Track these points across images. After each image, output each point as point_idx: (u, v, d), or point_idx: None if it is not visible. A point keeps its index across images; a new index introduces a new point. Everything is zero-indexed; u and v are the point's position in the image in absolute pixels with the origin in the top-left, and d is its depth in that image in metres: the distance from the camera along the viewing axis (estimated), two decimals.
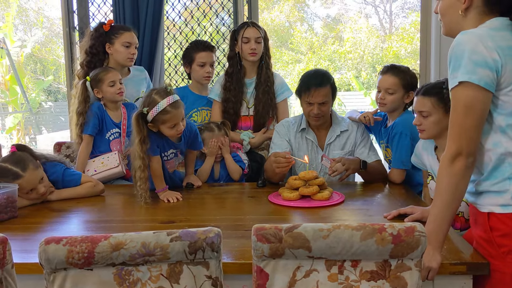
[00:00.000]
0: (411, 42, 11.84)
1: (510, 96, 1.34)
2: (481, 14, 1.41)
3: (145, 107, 2.12)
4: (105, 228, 1.85)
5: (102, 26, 2.81)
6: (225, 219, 1.90)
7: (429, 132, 1.99)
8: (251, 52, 2.81)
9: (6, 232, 1.76)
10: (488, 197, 1.38)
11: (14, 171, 2.06)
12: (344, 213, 1.98)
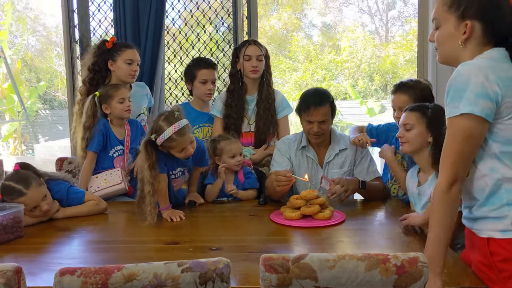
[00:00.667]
0: (409, 49, 11.92)
1: (506, 124, 1.39)
2: (479, 44, 1.46)
3: (153, 134, 2.16)
4: (111, 249, 1.88)
5: (104, 43, 2.85)
6: (229, 240, 1.93)
7: (411, 145, 2.11)
8: (252, 70, 2.86)
9: (13, 253, 1.82)
10: (487, 222, 1.43)
11: (17, 189, 2.09)
12: (345, 233, 2.01)
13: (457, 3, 1.47)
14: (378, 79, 12.48)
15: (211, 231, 2.09)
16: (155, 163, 2.15)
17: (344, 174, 2.59)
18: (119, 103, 2.65)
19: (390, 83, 13.19)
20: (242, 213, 2.33)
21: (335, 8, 14.81)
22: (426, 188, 2.07)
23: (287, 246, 1.92)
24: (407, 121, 2.10)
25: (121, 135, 2.74)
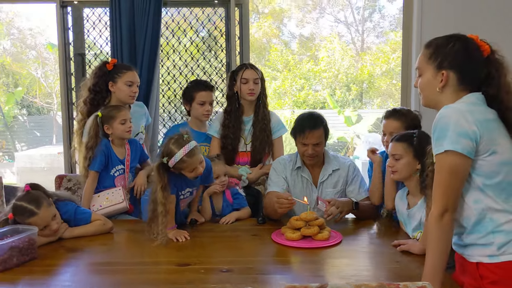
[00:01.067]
0: (386, 61, 12.24)
1: (486, 161, 1.58)
2: (455, 91, 1.66)
3: (165, 157, 2.28)
4: (124, 271, 1.96)
5: (105, 65, 2.93)
6: (236, 261, 2.04)
7: (400, 173, 2.29)
8: (249, 92, 2.99)
9: (29, 276, 1.89)
10: (476, 249, 1.60)
11: (29, 209, 2.17)
12: (345, 254, 2.14)
13: (435, 55, 1.68)
14: (355, 89, 12.77)
15: (217, 252, 2.19)
16: (167, 184, 2.27)
17: (337, 193, 2.74)
18: (121, 124, 2.74)
19: (366, 92, 13.50)
20: (243, 233, 2.44)
21: (313, 18, 15.05)
22: (416, 211, 2.24)
23: (291, 267, 2.04)
24: (395, 152, 2.28)
25: (121, 154, 2.82)
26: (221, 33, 3.80)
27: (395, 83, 13.12)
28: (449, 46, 1.66)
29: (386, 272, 1.91)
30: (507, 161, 1.58)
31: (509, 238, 1.54)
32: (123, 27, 3.47)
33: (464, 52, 1.65)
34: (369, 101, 13.68)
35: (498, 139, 1.58)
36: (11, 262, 1.96)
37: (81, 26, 3.74)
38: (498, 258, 1.54)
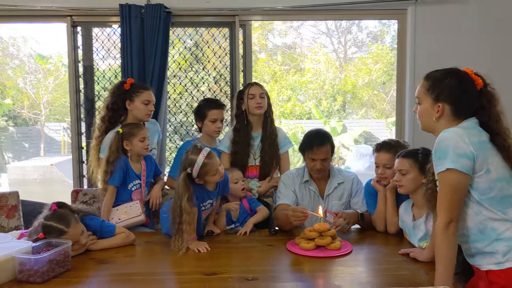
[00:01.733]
0: (368, 73, 12.57)
1: (481, 178, 1.80)
2: (450, 120, 1.89)
3: (188, 167, 2.46)
4: (155, 281, 2.11)
5: (123, 84, 3.08)
6: (259, 270, 2.20)
7: (407, 188, 2.49)
8: (257, 106, 3.18)
9: (65, 286, 2.02)
10: (484, 258, 1.81)
11: (59, 228, 2.28)
12: (357, 262, 2.34)
13: (433, 88, 1.90)
14: (341, 100, 13.06)
15: (238, 262, 2.35)
16: (192, 195, 2.46)
17: (342, 205, 2.93)
18: (140, 142, 2.89)
19: (350, 103, 13.78)
20: (259, 244, 2.61)
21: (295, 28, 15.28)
22: (421, 222, 2.43)
23: (311, 275, 2.21)
24: (401, 167, 2.47)
25: (138, 170, 2.97)
26: (226, 52, 3.97)
27: (377, 94, 13.43)
28: (446, 81, 1.88)
29: (397, 278, 2.08)
30: (501, 177, 1.80)
31: (511, 246, 1.76)
32: (133, 46, 3.62)
33: (459, 87, 1.87)
34: (353, 111, 13.97)
35: (490, 158, 1.81)
36: (50, 274, 2.09)
37: (90, 45, 3.88)
38: (504, 265, 1.75)
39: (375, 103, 13.60)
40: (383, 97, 13.29)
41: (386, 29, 13.55)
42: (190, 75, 4.04)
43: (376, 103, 13.60)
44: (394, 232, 2.70)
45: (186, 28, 3.97)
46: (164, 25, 3.63)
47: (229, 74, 3.98)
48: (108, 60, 3.91)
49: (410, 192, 2.48)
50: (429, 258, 2.23)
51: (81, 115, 3.91)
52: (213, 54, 3.98)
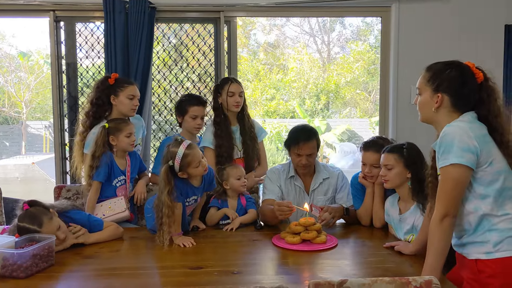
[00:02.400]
0: (350, 71, 12.66)
1: (485, 171, 1.81)
2: (449, 112, 1.90)
3: (169, 161, 2.45)
4: (144, 275, 2.10)
5: (107, 79, 3.06)
6: (245, 264, 2.21)
7: (392, 182, 2.51)
8: (236, 105, 3.19)
9: (48, 281, 2.00)
10: (474, 247, 1.83)
11: (32, 229, 2.23)
12: (343, 255, 2.35)
13: (433, 79, 1.92)
14: (324, 99, 13.14)
15: (225, 256, 2.34)
16: (173, 188, 2.43)
17: (327, 200, 2.95)
18: (126, 137, 2.87)
19: (332, 101, 13.87)
20: (244, 238, 2.61)
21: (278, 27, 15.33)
22: (408, 216, 2.46)
23: (297, 268, 2.21)
24: (387, 162, 2.49)
25: (123, 166, 2.94)
26: (210, 48, 3.96)
27: (360, 93, 13.54)
28: (446, 72, 1.89)
29: (383, 271, 2.09)
30: (502, 169, 1.82)
31: (503, 236, 1.78)
32: (117, 41, 3.59)
33: (459, 79, 1.88)
34: (337, 111, 14.06)
35: (492, 151, 1.82)
36: (34, 269, 2.07)
37: (73, 40, 3.84)
38: (494, 255, 1.78)
39: (358, 102, 13.70)
40: (366, 96, 13.40)
41: (370, 29, 13.68)
42: (175, 71, 4.01)
43: (359, 102, 13.70)
44: (380, 226, 2.73)
45: (171, 24, 3.95)
46: (148, 20, 3.60)
47: (214, 70, 3.97)
48: (91, 56, 3.87)
49: (395, 186, 2.51)
50: (414, 251, 2.25)
51: (64, 112, 3.86)
52: (197, 50, 3.97)
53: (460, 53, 3.74)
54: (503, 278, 1.75)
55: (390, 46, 3.98)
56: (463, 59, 2.00)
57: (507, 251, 1.77)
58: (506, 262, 1.76)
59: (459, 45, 3.88)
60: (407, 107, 3.96)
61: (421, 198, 2.37)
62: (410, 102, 3.95)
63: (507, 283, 1.75)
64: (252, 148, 3.26)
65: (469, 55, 3.83)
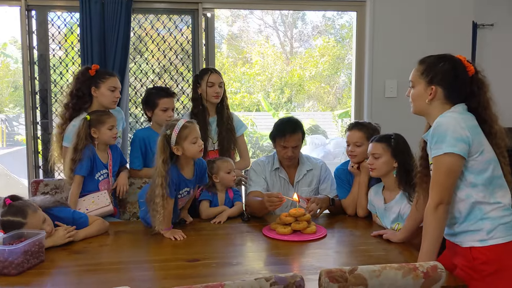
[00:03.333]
0: (315, 65, 12.79)
1: (476, 160, 1.88)
2: (442, 104, 1.96)
3: (167, 130, 2.43)
4: (138, 269, 2.07)
5: (87, 70, 2.98)
6: (241, 256, 2.23)
7: (379, 171, 2.57)
8: (215, 95, 3.18)
9: (39, 278, 1.95)
10: (468, 235, 1.90)
11: (16, 221, 2.16)
12: (333, 245, 2.40)
13: (427, 72, 1.97)
14: (288, 92, 13.23)
15: (219, 248, 2.34)
16: (168, 158, 2.42)
17: (312, 191, 2.99)
18: (109, 130, 2.80)
19: (296, 95, 13.98)
20: (234, 231, 2.61)
21: (241, 19, 15.29)
22: (393, 205, 2.53)
23: (293, 258, 2.24)
24: (374, 151, 2.56)
25: (104, 159, 2.88)
26: (188, 40, 3.92)
27: (324, 87, 13.70)
28: (440, 66, 1.95)
29: (375, 258, 2.15)
30: (492, 159, 1.90)
31: (495, 224, 1.86)
32: (93, 32, 3.50)
33: (452, 72, 1.94)
34: (300, 104, 14.19)
35: (483, 141, 1.90)
36: (25, 265, 2.01)
37: (45, 30, 3.71)
38: (487, 242, 1.85)
39: (322, 96, 13.86)
40: (329, 90, 13.58)
41: (332, 24, 13.85)
42: (151, 62, 3.95)
43: (322, 96, 13.86)
44: (363, 215, 2.79)
45: (148, 14, 3.88)
46: (125, 10, 3.53)
47: (191, 62, 3.94)
48: (64, 46, 3.75)
49: (382, 175, 2.57)
50: (402, 239, 2.32)
51: (36, 104, 3.74)
52: (175, 42, 3.92)
53: (432, 47, 3.87)
54: (497, 264, 1.83)
55: (365, 40, 4.05)
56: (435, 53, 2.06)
57: (499, 238, 1.85)
58: (499, 249, 1.84)
59: (431, 40, 3.99)
60: (382, 101, 4.06)
61: (407, 187, 2.45)
62: (385, 96, 4.06)
63: (500, 268, 1.83)
64: (227, 140, 3.24)
65: (441, 50, 3.96)
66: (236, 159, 3.35)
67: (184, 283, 1.48)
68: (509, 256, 1.85)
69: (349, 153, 2.81)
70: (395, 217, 2.51)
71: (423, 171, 2.07)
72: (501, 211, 1.88)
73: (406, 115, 3.51)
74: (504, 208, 1.89)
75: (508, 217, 1.89)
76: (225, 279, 1.47)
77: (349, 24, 12.85)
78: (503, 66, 4.06)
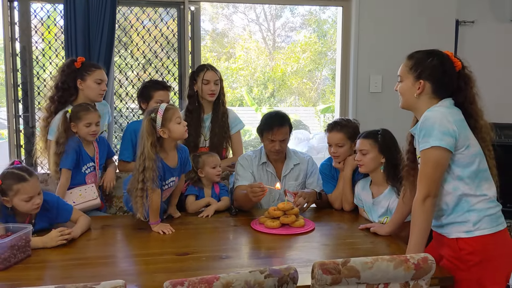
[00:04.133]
0: (296, 61, 12.83)
1: (463, 154, 1.92)
2: (429, 98, 2.00)
3: (152, 114, 2.42)
4: (128, 262, 2.07)
5: (73, 63, 2.94)
6: (230, 249, 2.23)
7: (367, 167, 2.59)
8: (210, 93, 3.17)
9: (31, 273, 1.91)
10: (454, 226, 1.94)
11: (21, 175, 2.21)
12: (322, 238, 2.42)
13: (415, 67, 2.01)
14: (271, 87, 13.24)
15: (208, 242, 2.34)
16: (155, 141, 2.41)
17: (298, 185, 3.00)
18: (85, 127, 2.76)
19: (279, 90, 14.00)
20: (222, 225, 2.61)
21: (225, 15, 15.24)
22: (382, 199, 2.56)
23: (282, 251, 2.25)
24: (362, 147, 2.58)
25: (91, 152, 2.85)
26: (173, 33, 3.89)
27: (306, 82, 13.74)
28: (428, 61, 1.98)
29: (363, 251, 2.17)
30: (477, 152, 1.94)
31: (481, 216, 1.90)
32: (77, 24, 3.45)
33: (440, 67, 1.97)
34: (282, 99, 14.21)
35: (469, 135, 1.93)
36: (12, 260, 1.98)
37: (28, 21, 3.65)
38: (473, 233, 1.89)
39: (304, 91, 13.91)
40: (311, 85, 13.64)
41: (314, 18, 13.87)
42: (136, 55, 3.91)
43: (304, 92, 13.91)
44: (349, 209, 2.81)
45: (133, 7, 3.83)
46: (111, 2, 3.48)
47: (177, 56, 3.91)
48: (47, 38, 3.69)
49: (370, 170, 2.60)
50: (389, 232, 2.35)
51: (18, 97, 3.67)
52: (160, 35, 3.88)
53: (416, 42, 3.89)
54: (482, 254, 1.87)
55: (351, 35, 4.07)
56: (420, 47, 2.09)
57: (485, 229, 1.89)
58: (484, 240, 1.88)
59: (416, 35, 4.02)
60: (366, 96, 4.09)
61: (396, 181, 2.48)
62: (369, 91, 4.10)
63: (485, 258, 1.87)
64: (218, 137, 3.23)
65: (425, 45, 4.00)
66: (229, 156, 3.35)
67: (174, 277, 1.47)
68: (494, 246, 1.90)
69: (332, 154, 2.83)
70: (383, 211, 2.54)
71: (410, 165, 2.10)
72: (487, 203, 1.92)
73: (391, 110, 3.62)
74: (490, 200, 1.93)
75: (493, 209, 1.93)
76: (215, 273, 1.48)
77: (331, 20, 12.91)
78: (483, 62, 4.10)
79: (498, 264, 1.90)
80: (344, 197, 2.82)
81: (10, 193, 2.19)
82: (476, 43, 4.27)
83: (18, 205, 2.22)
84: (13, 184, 2.18)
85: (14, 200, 2.20)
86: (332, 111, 10.00)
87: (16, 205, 2.22)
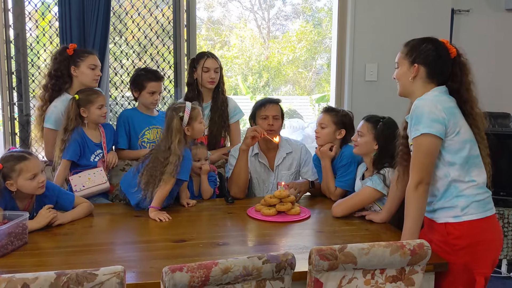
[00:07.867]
0: (292, 50, 12.79)
1: (453, 140, 1.95)
2: (424, 83, 2.03)
3: (180, 112, 2.52)
4: (125, 249, 2.07)
5: (65, 49, 2.92)
6: (227, 236, 2.24)
7: (359, 149, 2.61)
8: (210, 81, 3.16)
9: (22, 259, 1.92)
10: (443, 211, 1.97)
11: (21, 154, 2.22)
12: (318, 225, 2.44)
13: (411, 52, 2.05)
14: (267, 76, 13.21)
15: (204, 229, 2.36)
16: (182, 138, 2.52)
17: (292, 175, 3.01)
18: (98, 109, 2.77)
19: (273, 79, 13.97)
20: (218, 212, 2.63)
21: (220, 3, 15.15)
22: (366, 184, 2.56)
23: (278, 238, 2.27)
24: (360, 130, 2.58)
25: (96, 138, 2.84)
26: (169, 21, 3.87)
27: (301, 72, 13.70)
28: (423, 46, 2.02)
29: (359, 238, 2.20)
30: (468, 139, 1.97)
31: (469, 202, 1.93)
32: (72, 10, 3.40)
33: (434, 52, 2.01)
34: (277, 88, 14.18)
35: (459, 122, 1.96)
36: (9, 247, 1.98)
37: (22, 8, 3.61)
38: (461, 218, 1.92)
39: (300, 80, 13.88)
40: (306, 74, 13.61)
41: (309, 6, 13.81)
42: (132, 43, 3.89)
43: (300, 81, 13.88)
44: (335, 199, 2.75)
45: None
46: None
47: (173, 44, 3.89)
48: (42, 25, 3.66)
49: (362, 153, 2.60)
50: (384, 219, 2.38)
51: (13, 84, 3.65)
52: (155, 22, 3.86)
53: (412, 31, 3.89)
54: (469, 238, 1.92)
55: (347, 23, 4.07)
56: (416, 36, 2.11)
57: (472, 215, 1.93)
58: (472, 225, 1.92)
59: (411, 24, 4.02)
60: (362, 84, 4.10)
61: (379, 170, 2.48)
62: (365, 79, 4.10)
63: (472, 243, 1.91)
64: (217, 126, 3.23)
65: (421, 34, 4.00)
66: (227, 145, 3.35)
67: (173, 263, 1.48)
68: (481, 231, 1.94)
69: (316, 133, 2.85)
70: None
71: (403, 150, 2.13)
72: (475, 189, 1.95)
73: (386, 99, 3.62)
74: (478, 186, 1.97)
75: (481, 195, 1.96)
76: (213, 259, 1.48)
77: (327, 8, 12.85)
78: (478, 51, 4.14)
79: (485, 249, 1.93)
80: (326, 187, 2.82)
81: (14, 175, 2.17)
82: (471, 31, 4.29)
83: (23, 185, 2.19)
84: (15, 165, 2.16)
85: (19, 181, 2.17)
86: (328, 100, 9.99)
87: (21, 186, 2.19)
